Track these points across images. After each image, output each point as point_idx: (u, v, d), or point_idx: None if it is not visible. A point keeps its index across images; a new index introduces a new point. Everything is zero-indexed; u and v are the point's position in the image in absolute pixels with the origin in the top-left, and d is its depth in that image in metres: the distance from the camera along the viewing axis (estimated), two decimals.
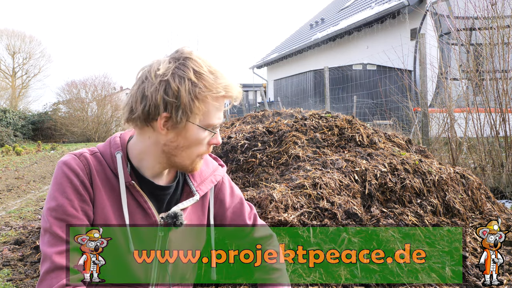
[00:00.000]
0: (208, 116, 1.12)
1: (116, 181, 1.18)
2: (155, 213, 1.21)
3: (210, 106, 1.11)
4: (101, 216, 1.15)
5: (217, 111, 1.14)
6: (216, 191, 1.36)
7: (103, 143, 1.25)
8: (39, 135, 20.16)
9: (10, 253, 3.08)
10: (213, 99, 1.10)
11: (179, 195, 1.27)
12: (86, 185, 1.13)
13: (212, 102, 1.10)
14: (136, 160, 1.20)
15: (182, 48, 1.13)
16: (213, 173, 1.33)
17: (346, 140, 3.10)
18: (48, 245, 1.06)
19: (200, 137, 1.14)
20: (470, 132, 5.10)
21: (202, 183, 1.29)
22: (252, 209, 1.47)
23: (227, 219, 1.38)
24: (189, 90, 1.06)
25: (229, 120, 4.21)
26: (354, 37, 13.36)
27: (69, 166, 1.13)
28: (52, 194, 1.11)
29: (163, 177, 1.24)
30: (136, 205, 1.19)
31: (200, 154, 1.19)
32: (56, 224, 1.08)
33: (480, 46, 5.14)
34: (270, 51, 22.06)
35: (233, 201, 1.39)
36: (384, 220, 2.35)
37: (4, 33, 27.97)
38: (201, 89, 1.07)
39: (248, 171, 2.81)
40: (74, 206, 1.10)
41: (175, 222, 1.20)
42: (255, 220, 1.44)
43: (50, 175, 8.17)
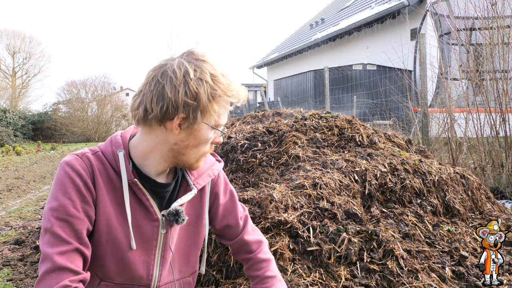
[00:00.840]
0: (220, 117, 1.16)
1: (118, 179, 1.18)
2: (157, 211, 1.21)
3: (222, 107, 1.15)
4: (103, 216, 1.15)
5: (225, 112, 1.18)
6: (212, 185, 1.37)
7: (104, 142, 1.25)
8: (39, 135, 20.17)
9: (10, 253, 3.08)
10: (226, 101, 1.15)
11: (178, 191, 1.28)
12: (89, 186, 1.13)
13: (224, 104, 1.15)
14: (139, 159, 1.20)
15: (194, 50, 1.15)
16: (211, 167, 1.34)
17: (346, 140, 3.10)
18: (49, 245, 1.06)
19: (208, 137, 1.18)
20: (470, 132, 5.10)
21: (200, 177, 1.30)
22: (245, 211, 1.47)
23: (219, 214, 1.38)
24: (207, 92, 1.10)
25: (229, 120, 4.21)
26: (354, 37, 13.37)
27: (72, 167, 1.13)
28: (54, 194, 1.11)
29: (164, 175, 1.25)
30: (138, 204, 1.20)
31: (205, 153, 1.22)
32: (57, 224, 1.08)
33: (480, 46, 5.14)
34: (270, 51, 22.08)
35: (226, 197, 1.40)
36: (384, 220, 2.35)
37: (4, 33, 28.00)
38: (217, 91, 1.11)
39: (248, 171, 2.81)
40: (76, 207, 1.10)
41: (177, 220, 1.21)
42: (246, 222, 1.44)
43: (50, 175, 8.17)
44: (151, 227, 1.21)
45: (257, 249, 1.40)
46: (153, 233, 1.22)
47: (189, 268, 1.35)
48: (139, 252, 1.21)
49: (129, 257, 1.19)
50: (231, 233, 1.41)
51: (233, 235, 1.41)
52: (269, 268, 1.36)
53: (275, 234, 2.06)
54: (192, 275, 1.37)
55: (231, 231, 1.41)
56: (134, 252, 1.20)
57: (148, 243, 1.22)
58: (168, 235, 1.24)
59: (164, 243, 1.24)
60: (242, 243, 1.40)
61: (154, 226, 1.22)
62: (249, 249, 1.40)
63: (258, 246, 1.41)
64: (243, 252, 1.41)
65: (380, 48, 10.78)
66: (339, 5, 18.70)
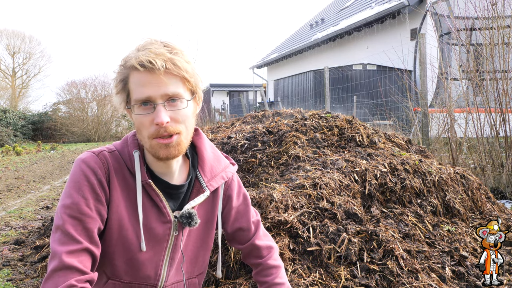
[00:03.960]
0: (134, 92, 1.15)
1: (133, 180, 1.17)
2: (169, 212, 1.21)
3: (133, 81, 1.16)
4: (115, 215, 1.15)
5: (139, 84, 1.15)
6: (226, 187, 1.35)
7: (120, 141, 1.24)
8: (39, 135, 20.17)
9: (10, 253, 3.08)
10: (126, 73, 1.16)
11: (191, 192, 1.27)
12: (103, 184, 1.13)
13: (134, 77, 1.15)
14: (149, 160, 1.20)
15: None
16: (224, 169, 1.33)
17: (346, 140, 3.10)
18: (59, 243, 1.05)
19: (135, 115, 1.15)
20: (470, 132, 5.10)
21: (213, 178, 1.28)
22: (257, 215, 1.46)
23: (231, 217, 1.37)
24: (120, 69, 1.17)
25: (229, 120, 4.20)
26: (354, 37, 13.36)
27: (88, 164, 1.13)
28: (68, 191, 1.10)
29: (176, 176, 1.23)
30: (151, 205, 1.19)
31: (151, 135, 1.11)
32: (69, 222, 1.07)
33: (480, 46, 5.14)
34: (270, 51, 22.07)
35: (239, 201, 1.39)
36: (384, 220, 2.35)
37: (4, 33, 27.97)
38: (122, 65, 1.16)
39: (248, 171, 2.81)
40: (89, 205, 1.09)
41: (190, 223, 1.20)
42: (258, 226, 1.43)
43: (50, 175, 8.17)
44: (163, 229, 1.21)
45: (267, 254, 1.39)
46: (165, 234, 1.21)
47: (196, 269, 1.34)
48: (149, 253, 1.20)
49: (138, 258, 1.19)
50: (242, 237, 1.40)
51: (244, 239, 1.40)
52: (278, 274, 1.36)
53: (275, 234, 2.06)
54: (198, 276, 1.36)
55: (242, 235, 1.39)
56: (144, 253, 1.19)
57: (159, 244, 1.21)
58: (180, 236, 1.24)
59: (175, 245, 1.24)
60: (253, 248, 1.39)
61: (167, 228, 1.21)
62: (260, 254, 1.39)
63: (269, 252, 1.40)
64: (253, 257, 1.40)
65: (380, 48, 10.77)
66: (339, 5, 18.70)
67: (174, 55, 1.09)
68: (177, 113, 1.11)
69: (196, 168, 1.28)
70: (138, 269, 1.20)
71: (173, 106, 1.10)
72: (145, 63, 1.05)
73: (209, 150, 1.31)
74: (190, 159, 1.27)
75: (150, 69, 1.06)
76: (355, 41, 13.47)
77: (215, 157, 1.32)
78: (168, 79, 1.08)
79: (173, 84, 1.09)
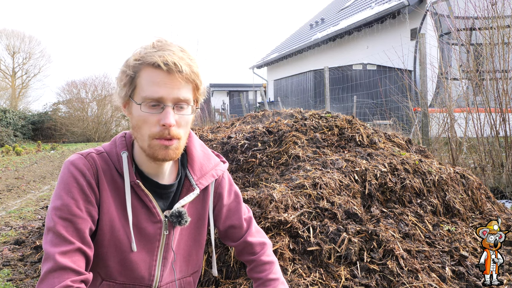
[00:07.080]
0: (144, 90, 1.16)
1: (121, 181, 1.18)
2: (159, 212, 1.21)
3: (145, 78, 1.16)
4: (106, 216, 1.15)
5: (150, 82, 1.16)
6: (216, 185, 1.35)
7: (109, 142, 1.25)
8: (39, 135, 20.17)
9: (10, 253, 3.08)
10: (143, 69, 1.16)
11: (180, 191, 1.27)
12: (92, 186, 1.13)
13: (147, 73, 1.16)
14: (138, 160, 1.20)
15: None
16: (215, 167, 1.33)
17: (346, 140, 3.10)
18: (51, 244, 1.06)
19: (140, 114, 1.16)
20: (470, 132, 5.10)
21: (203, 177, 1.29)
22: (249, 212, 1.46)
23: (222, 215, 1.37)
24: (129, 65, 1.16)
25: (229, 120, 4.20)
26: (354, 37, 13.36)
27: (76, 166, 1.13)
28: (58, 193, 1.11)
29: (165, 176, 1.24)
30: (141, 205, 1.20)
31: (153, 135, 1.11)
32: (60, 223, 1.07)
33: (480, 46, 5.14)
34: (270, 51, 22.07)
35: (230, 198, 1.39)
36: (384, 220, 2.35)
37: (4, 33, 27.98)
38: (136, 62, 1.15)
39: (248, 171, 2.80)
40: (79, 206, 1.10)
41: (180, 221, 1.20)
42: (250, 223, 1.43)
43: (50, 175, 8.17)
44: (154, 228, 1.21)
45: (260, 251, 1.39)
46: (156, 234, 1.22)
47: (189, 268, 1.34)
48: (142, 253, 1.21)
49: (131, 258, 1.19)
50: (234, 234, 1.40)
51: (236, 236, 1.40)
52: (272, 270, 1.36)
53: (275, 234, 2.06)
54: (193, 275, 1.37)
55: (235, 232, 1.39)
56: (136, 253, 1.20)
57: (151, 244, 1.22)
58: (171, 236, 1.24)
59: (167, 244, 1.24)
60: (245, 245, 1.39)
61: (157, 228, 1.21)
62: (253, 251, 1.39)
63: (262, 248, 1.40)
64: (247, 254, 1.40)
65: (380, 48, 10.78)
66: (339, 5, 18.70)
67: (191, 61, 1.11)
68: (181, 118, 1.12)
69: (186, 167, 1.28)
70: (132, 270, 1.20)
71: (180, 110, 1.11)
72: (170, 63, 1.06)
73: (198, 148, 1.31)
74: (179, 158, 1.27)
75: (171, 70, 1.06)
76: (355, 41, 13.47)
77: (205, 156, 1.32)
78: (183, 83, 1.09)
79: (186, 89, 1.11)
